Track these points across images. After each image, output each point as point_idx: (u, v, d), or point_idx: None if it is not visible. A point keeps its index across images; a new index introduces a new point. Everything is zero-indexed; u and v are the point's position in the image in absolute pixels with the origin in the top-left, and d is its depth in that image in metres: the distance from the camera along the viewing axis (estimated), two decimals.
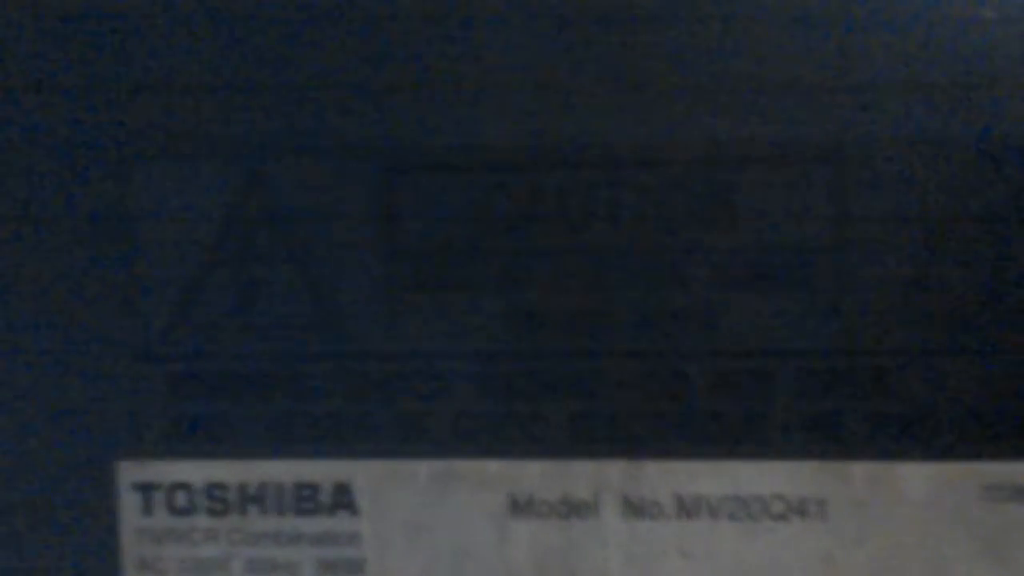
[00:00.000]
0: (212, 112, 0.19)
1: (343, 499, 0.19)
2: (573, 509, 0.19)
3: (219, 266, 0.19)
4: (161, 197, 0.19)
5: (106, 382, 0.19)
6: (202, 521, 0.19)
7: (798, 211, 0.18)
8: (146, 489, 0.19)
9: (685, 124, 0.18)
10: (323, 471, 0.19)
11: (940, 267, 0.18)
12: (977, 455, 0.18)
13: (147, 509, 0.19)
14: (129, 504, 0.19)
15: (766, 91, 0.18)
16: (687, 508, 0.18)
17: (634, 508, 0.19)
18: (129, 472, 0.19)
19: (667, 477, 0.18)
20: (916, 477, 0.18)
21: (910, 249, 0.18)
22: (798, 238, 0.18)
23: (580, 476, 0.19)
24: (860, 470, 0.18)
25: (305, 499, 0.19)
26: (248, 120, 0.18)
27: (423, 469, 0.19)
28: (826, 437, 0.18)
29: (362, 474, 0.19)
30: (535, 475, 0.19)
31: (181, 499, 0.19)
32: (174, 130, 0.19)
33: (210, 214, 0.19)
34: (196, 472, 0.19)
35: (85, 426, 0.19)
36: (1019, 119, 0.17)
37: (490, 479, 0.19)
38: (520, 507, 0.19)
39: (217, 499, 0.19)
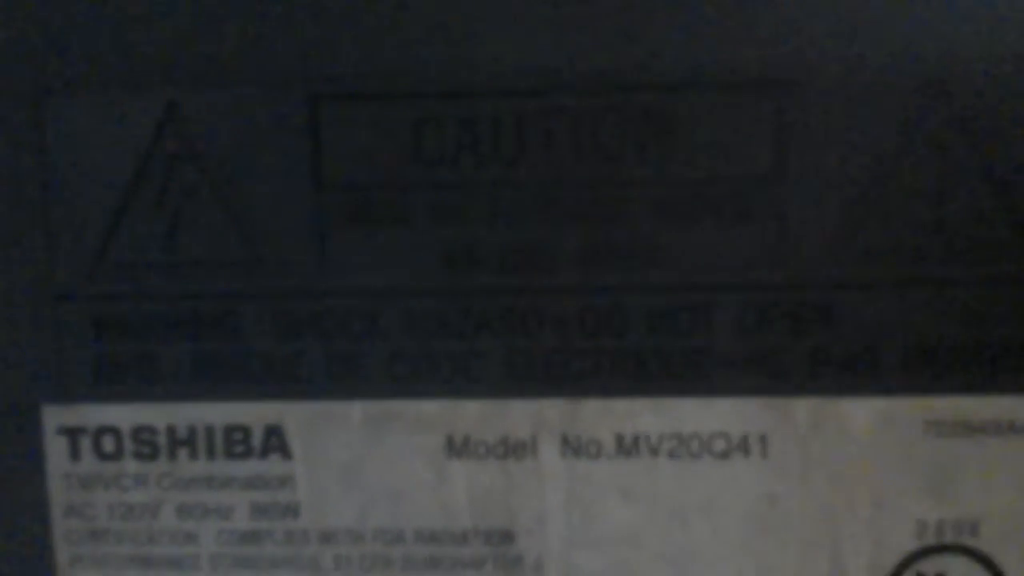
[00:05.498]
0: (129, 41, 0.18)
1: (275, 442, 0.19)
2: (511, 449, 0.18)
3: (141, 202, 0.18)
4: (78, 131, 0.18)
5: (28, 324, 0.19)
6: (131, 466, 0.19)
7: (739, 141, 0.17)
8: (72, 433, 0.19)
9: (623, 49, 0.17)
10: (254, 413, 0.19)
11: (883, 200, 0.17)
12: (921, 390, 0.18)
13: (74, 454, 0.19)
14: (55, 449, 0.19)
15: (707, 15, 0.17)
16: (627, 447, 0.18)
17: (573, 447, 0.18)
18: (54, 416, 0.19)
19: (606, 416, 0.18)
20: (859, 413, 0.18)
21: (853, 181, 0.17)
22: (739, 169, 0.17)
23: (518, 415, 0.18)
24: (802, 406, 0.18)
25: (236, 442, 0.19)
26: (166, 48, 0.18)
27: (357, 410, 0.18)
28: (768, 373, 0.18)
29: (294, 416, 0.19)
30: (472, 415, 0.18)
31: (108, 443, 0.19)
32: (90, 60, 0.18)
33: (129, 148, 0.18)
34: (123, 415, 0.19)
35: (8, 369, 0.19)
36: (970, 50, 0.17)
37: (426, 420, 0.18)
38: (457, 448, 0.18)
39: (145, 443, 0.19)
